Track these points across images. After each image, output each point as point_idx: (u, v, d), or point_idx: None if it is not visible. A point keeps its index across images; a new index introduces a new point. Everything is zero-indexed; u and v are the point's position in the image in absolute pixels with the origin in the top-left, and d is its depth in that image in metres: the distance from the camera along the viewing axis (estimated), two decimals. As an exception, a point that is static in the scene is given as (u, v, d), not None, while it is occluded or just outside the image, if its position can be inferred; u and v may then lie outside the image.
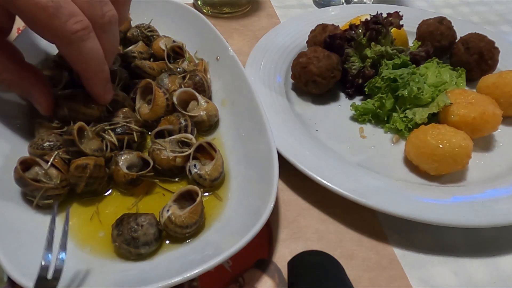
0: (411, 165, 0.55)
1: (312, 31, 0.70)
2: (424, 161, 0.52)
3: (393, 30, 0.66)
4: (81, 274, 0.39)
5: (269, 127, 0.50)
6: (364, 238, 0.48)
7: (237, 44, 0.78)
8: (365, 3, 0.91)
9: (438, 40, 0.70)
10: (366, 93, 0.64)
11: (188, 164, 0.49)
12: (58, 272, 0.36)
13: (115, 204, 0.47)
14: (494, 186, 0.52)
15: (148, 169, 0.48)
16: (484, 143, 0.59)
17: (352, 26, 0.66)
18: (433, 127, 0.54)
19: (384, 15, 0.66)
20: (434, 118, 0.59)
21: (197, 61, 0.65)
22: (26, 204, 0.45)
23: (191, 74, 0.59)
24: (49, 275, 0.35)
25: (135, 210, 0.46)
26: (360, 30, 0.65)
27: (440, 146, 0.51)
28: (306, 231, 0.49)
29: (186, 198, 0.45)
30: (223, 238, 0.43)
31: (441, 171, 0.53)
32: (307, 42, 0.71)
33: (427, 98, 0.59)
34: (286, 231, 0.49)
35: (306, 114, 0.63)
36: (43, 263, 0.35)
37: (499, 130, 0.57)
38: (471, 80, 0.67)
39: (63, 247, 0.37)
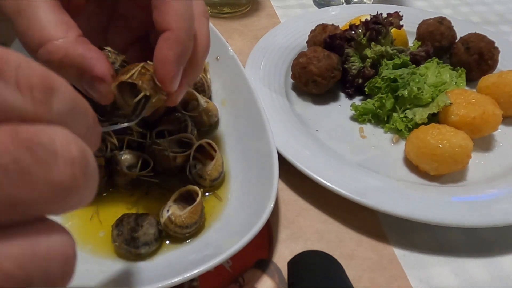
0: (411, 165, 0.55)
1: (312, 31, 0.70)
2: (424, 161, 0.52)
3: (393, 30, 0.66)
4: (81, 274, 0.39)
5: (269, 127, 0.50)
6: (364, 238, 0.48)
7: (237, 44, 0.78)
8: (365, 3, 0.91)
9: (438, 40, 0.70)
10: (366, 93, 0.64)
11: (188, 164, 0.49)
12: None
13: (115, 204, 0.47)
14: (494, 186, 0.52)
15: (148, 169, 0.48)
16: (484, 143, 0.59)
17: (352, 26, 0.66)
18: (433, 127, 0.54)
19: (384, 15, 0.66)
20: (434, 118, 0.59)
21: (197, 61, 0.65)
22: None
23: (191, 74, 0.59)
24: None
25: (135, 210, 0.46)
26: (360, 30, 0.65)
27: (440, 146, 0.51)
28: (306, 231, 0.49)
29: (186, 198, 0.46)
30: (223, 238, 0.43)
31: (441, 171, 0.53)
32: (307, 42, 0.71)
33: (427, 98, 0.59)
34: (286, 231, 0.49)
35: (306, 114, 0.63)
36: None
37: (499, 130, 0.57)
38: (471, 80, 0.67)
39: None
